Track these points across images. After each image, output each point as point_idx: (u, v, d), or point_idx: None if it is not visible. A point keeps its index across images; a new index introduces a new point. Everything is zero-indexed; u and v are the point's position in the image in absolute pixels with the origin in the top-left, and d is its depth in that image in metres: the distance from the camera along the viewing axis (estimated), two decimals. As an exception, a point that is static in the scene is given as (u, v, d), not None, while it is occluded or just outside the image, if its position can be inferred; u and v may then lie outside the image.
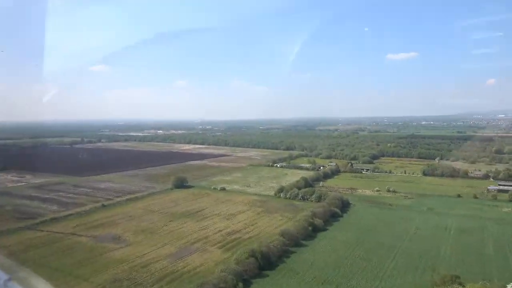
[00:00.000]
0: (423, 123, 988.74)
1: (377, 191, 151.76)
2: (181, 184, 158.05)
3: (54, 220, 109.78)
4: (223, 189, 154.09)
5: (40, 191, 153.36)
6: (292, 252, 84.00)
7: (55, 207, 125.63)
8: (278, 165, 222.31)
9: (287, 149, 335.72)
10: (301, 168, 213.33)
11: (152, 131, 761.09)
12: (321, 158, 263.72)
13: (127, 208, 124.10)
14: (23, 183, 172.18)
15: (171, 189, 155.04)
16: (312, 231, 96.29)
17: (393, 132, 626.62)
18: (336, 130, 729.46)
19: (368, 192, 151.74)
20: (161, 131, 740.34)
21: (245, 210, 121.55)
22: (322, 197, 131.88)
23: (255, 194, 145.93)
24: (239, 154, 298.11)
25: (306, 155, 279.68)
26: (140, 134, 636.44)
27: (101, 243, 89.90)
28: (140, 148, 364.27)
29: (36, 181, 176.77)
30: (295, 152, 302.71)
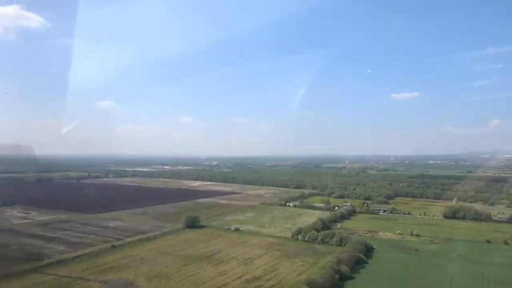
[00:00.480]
0: (430, 162, 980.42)
1: (399, 234, 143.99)
2: (193, 224, 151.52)
3: (61, 262, 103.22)
4: (237, 229, 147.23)
5: (46, 229, 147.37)
6: (321, 305, 76.79)
7: (62, 247, 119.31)
8: (291, 204, 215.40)
9: (298, 187, 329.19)
10: (314, 208, 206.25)
11: (159, 166, 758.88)
12: (334, 197, 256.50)
13: (138, 250, 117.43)
14: (29, 220, 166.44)
15: (183, 229, 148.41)
16: (339, 279, 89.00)
17: (402, 171, 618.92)
18: (344, 168, 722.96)
19: (389, 235, 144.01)
20: (167, 167, 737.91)
21: (262, 254, 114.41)
22: (343, 241, 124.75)
23: (271, 236, 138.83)
24: (249, 192, 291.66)
25: (318, 194, 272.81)
26: (146, 169, 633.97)
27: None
28: (148, 184, 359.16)
29: (42, 218, 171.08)
30: (306, 191, 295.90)
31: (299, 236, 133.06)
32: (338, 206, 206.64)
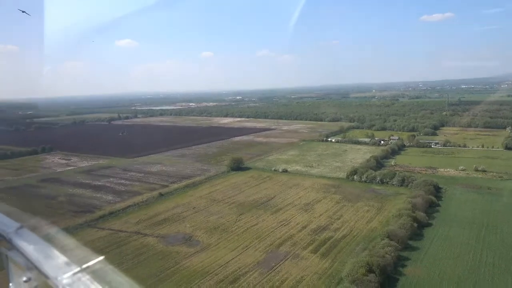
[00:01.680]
0: (462, 86, 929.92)
1: (462, 170, 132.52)
2: (237, 166, 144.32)
3: (113, 214, 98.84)
4: (285, 171, 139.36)
5: (90, 176, 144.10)
6: (405, 259, 68.82)
7: (110, 197, 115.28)
8: (333, 140, 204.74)
9: (333, 120, 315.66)
10: (359, 143, 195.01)
11: (184, 104, 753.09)
12: (375, 130, 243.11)
13: (187, 197, 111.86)
14: (71, 167, 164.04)
15: (228, 172, 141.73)
16: (417, 228, 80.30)
17: (436, 98, 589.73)
18: (373, 97, 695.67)
19: (452, 171, 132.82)
20: (192, 104, 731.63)
21: (320, 198, 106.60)
22: (405, 181, 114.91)
23: (323, 177, 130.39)
24: (284, 128, 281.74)
25: (357, 127, 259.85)
26: (173, 107, 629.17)
27: (172, 246, 77.89)
28: (178, 123, 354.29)
29: (83, 164, 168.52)
30: (343, 124, 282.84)
31: (355, 177, 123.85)
32: (384, 140, 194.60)
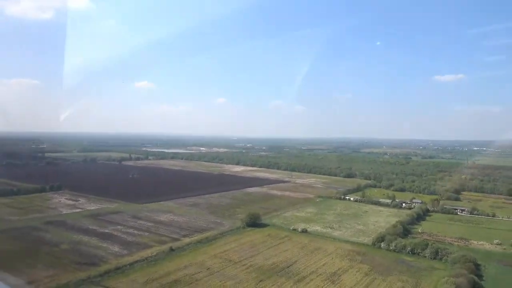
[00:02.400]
0: (474, 148, 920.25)
1: (498, 244, 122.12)
2: (253, 222, 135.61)
3: (119, 270, 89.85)
4: (305, 231, 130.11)
5: (97, 222, 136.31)
6: None
7: (116, 248, 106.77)
8: (352, 199, 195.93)
9: (348, 176, 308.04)
10: (379, 204, 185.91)
11: (195, 148, 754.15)
12: (393, 190, 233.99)
13: (200, 255, 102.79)
14: (78, 210, 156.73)
15: (243, 227, 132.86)
16: (465, 316, 70.12)
17: (450, 159, 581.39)
18: (385, 154, 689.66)
19: (487, 245, 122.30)
20: (203, 148, 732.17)
21: (346, 267, 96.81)
22: (439, 253, 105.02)
23: (347, 242, 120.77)
24: (298, 181, 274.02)
25: (374, 186, 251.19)
26: (184, 151, 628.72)
27: (185, 317, 68.40)
28: (190, 168, 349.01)
29: (91, 207, 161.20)
30: (359, 181, 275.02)
31: (382, 244, 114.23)
32: (406, 203, 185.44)
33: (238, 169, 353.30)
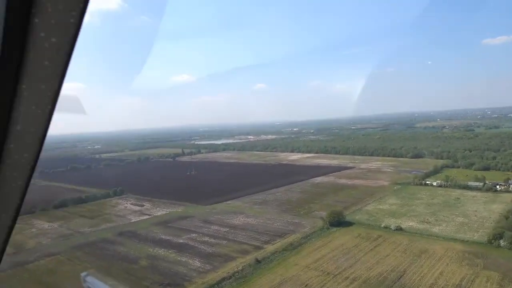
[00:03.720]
0: None
1: None
2: (337, 221, 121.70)
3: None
4: (399, 228, 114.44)
5: (169, 230, 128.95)
6: None
7: (197, 263, 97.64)
8: (435, 184, 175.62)
9: (415, 156, 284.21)
10: (469, 188, 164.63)
11: (243, 136, 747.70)
12: (475, 169, 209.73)
13: (291, 268, 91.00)
14: (146, 216, 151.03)
15: (327, 228, 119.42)
16: None
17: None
18: (443, 127, 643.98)
19: None
20: (251, 137, 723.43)
21: (470, 276, 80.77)
22: None
23: (454, 240, 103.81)
24: (363, 166, 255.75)
25: (452, 166, 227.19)
26: (232, 141, 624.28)
27: None
28: (245, 159, 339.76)
29: (158, 213, 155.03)
30: (431, 161, 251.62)
31: (501, 242, 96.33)
32: (500, 184, 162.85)
33: (294, 157, 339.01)
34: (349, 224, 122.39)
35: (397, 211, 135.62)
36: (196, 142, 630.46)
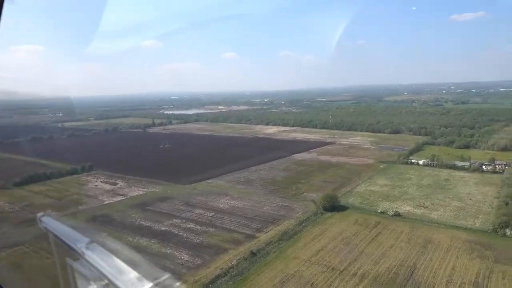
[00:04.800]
0: (501, 89, 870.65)
1: None
2: (331, 205, 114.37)
3: (204, 294, 70.86)
4: (397, 214, 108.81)
5: (148, 214, 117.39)
6: None
7: (185, 256, 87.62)
8: (420, 162, 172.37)
9: (393, 132, 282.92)
10: (455, 167, 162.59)
11: (213, 106, 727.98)
12: (455, 147, 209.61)
13: (291, 262, 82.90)
14: (120, 197, 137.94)
15: (321, 213, 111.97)
16: None
17: (485, 103, 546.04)
18: (412, 101, 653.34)
19: None
20: (222, 107, 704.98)
21: (486, 272, 75.77)
22: None
23: (457, 228, 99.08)
24: (343, 141, 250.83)
25: (433, 143, 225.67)
26: (203, 111, 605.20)
27: None
28: (220, 132, 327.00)
29: (134, 193, 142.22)
30: (409, 137, 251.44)
31: (507, 231, 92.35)
32: (485, 164, 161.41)
33: (271, 130, 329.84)
34: (343, 208, 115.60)
35: (389, 193, 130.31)
36: (165, 112, 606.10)
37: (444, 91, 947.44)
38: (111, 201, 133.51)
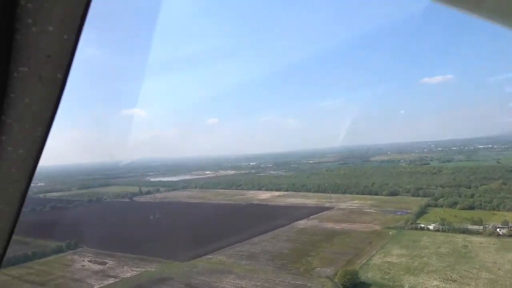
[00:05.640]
0: (479, 146, 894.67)
1: None
2: (352, 284, 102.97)
3: None
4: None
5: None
6: None
7: None
8: (431, 227, 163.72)
9: (391, 194, 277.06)
10: (468, 232, 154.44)
11: (200, 172, 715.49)
12: (459, 209, 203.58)
13: None
14: (111, 280, 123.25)
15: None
16: None
17: (469, 160, 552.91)
18: (399, 161, 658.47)
19: None
20: (209, 172, 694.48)
21: None
22: None
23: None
24: (342, 206, 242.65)
25: (435, 205, 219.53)
26: (190, 177, 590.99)
27: None
28: (211, 199, 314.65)
29: (127, 275, 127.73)
30: (411, 199, 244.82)
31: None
32: (499, 227, 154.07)
33: (264, 195, 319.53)
34: (365, 286, 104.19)
35: (410, 265, 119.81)
36: (151, 179, 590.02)
37: (425, 150, 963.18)
38: (101, 285, 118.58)
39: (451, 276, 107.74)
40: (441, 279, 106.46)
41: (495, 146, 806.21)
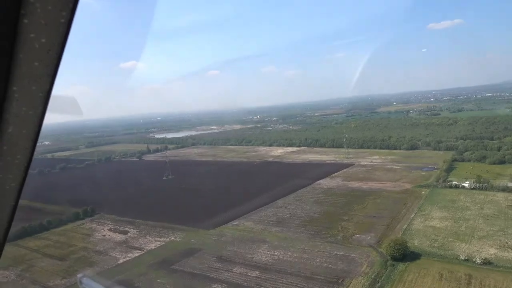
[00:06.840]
0: (487, 95, 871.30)
1: None
2: (401, 254, 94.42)
3: None
4: (487, 262, 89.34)
5: (177, 278, 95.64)
6: None
7: None
8: (466, 185, 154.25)
9: (411, 148, 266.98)
10: (508, 189, 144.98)
11: (205, 127, 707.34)
12: (489, 163, 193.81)
13: None
14: (136, 252, 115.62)
15: (391, 265, 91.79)
16: None
17: (479, 110, 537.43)
18: (408, 111, 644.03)
19: None
20: (214, 127, 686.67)
21: None
22: None
23: None
24: (362, 162, 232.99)
25: (462, 160, 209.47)
26: (195, 132, 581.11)
27: None
28: (223, 157, 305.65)
29: (151, 246, 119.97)
30: (433, 153, 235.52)
31: None
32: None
33: (277, 152, 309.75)
34: (415, 256, 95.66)
35: (457, 230, 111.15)
36: (156, 136, 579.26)
37: (432, 99, 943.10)
38: (126, 258, 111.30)
39: (506, 243, 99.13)
40: (497, 246, 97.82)
41: (504, 94, 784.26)
